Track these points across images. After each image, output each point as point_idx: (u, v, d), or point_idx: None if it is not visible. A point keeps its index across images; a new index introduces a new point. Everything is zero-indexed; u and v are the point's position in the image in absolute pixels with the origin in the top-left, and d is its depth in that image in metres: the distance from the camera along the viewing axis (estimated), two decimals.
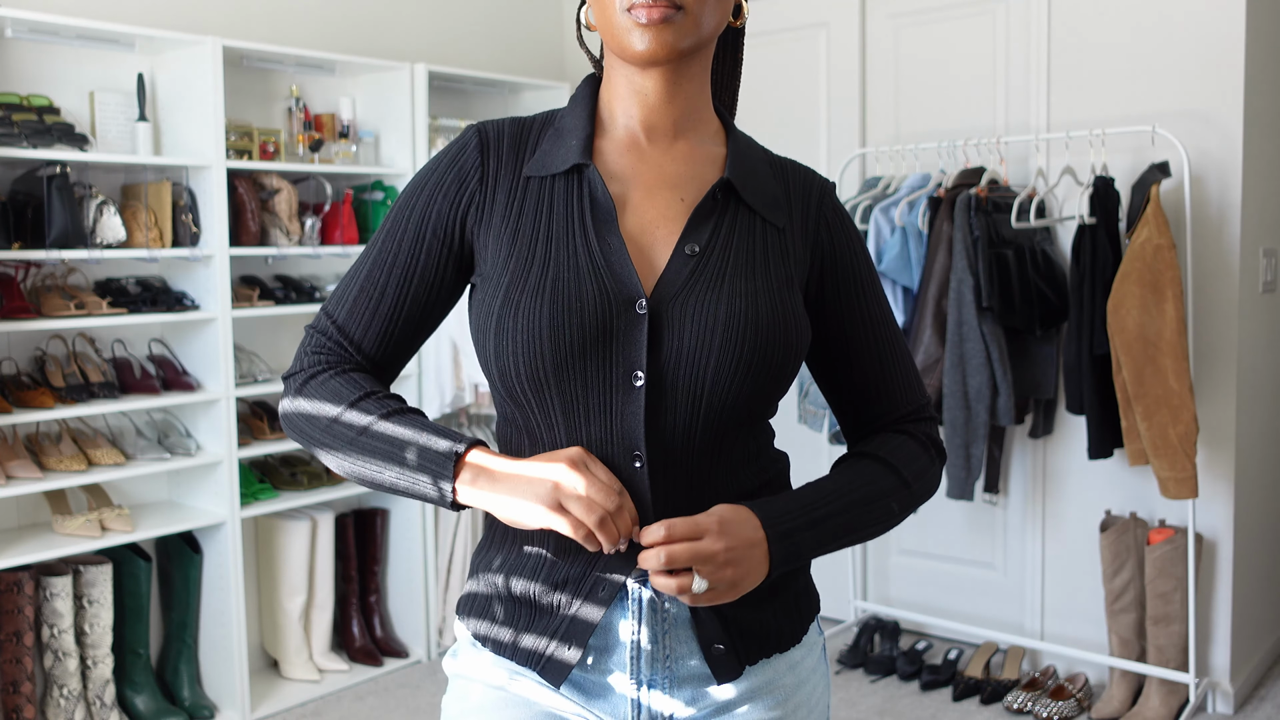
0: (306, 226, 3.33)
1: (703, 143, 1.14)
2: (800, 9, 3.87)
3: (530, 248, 1.06)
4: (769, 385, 1.06)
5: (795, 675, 1.14)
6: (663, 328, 1.03)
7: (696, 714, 1.10)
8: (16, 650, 2.80)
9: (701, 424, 1.04)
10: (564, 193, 1.08)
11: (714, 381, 1.03)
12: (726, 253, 1.08)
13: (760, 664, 1.11)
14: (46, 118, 2.85)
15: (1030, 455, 3.44)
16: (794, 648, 1.15)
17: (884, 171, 3.63)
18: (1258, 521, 3.31)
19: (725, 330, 1.03)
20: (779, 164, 1.19)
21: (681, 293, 1.04)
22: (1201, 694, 3.08)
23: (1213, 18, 3.01)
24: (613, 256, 1.04)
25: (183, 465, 3.05)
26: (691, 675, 1.09)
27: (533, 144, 1.12)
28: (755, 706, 1.11)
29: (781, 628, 1.13)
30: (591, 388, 1.03)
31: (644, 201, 1.10)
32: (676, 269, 1.06)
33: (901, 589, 3.77)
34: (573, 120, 1.12)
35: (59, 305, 2.84)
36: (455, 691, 1.16)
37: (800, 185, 1.17)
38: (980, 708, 3.20)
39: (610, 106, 1.13)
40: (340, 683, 3.42)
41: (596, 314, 1.02)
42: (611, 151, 1.12)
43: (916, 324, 3.16)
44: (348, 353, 1.12)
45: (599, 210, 1.07)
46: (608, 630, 1.08)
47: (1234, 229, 3.03)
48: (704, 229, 1.08)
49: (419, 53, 3.83)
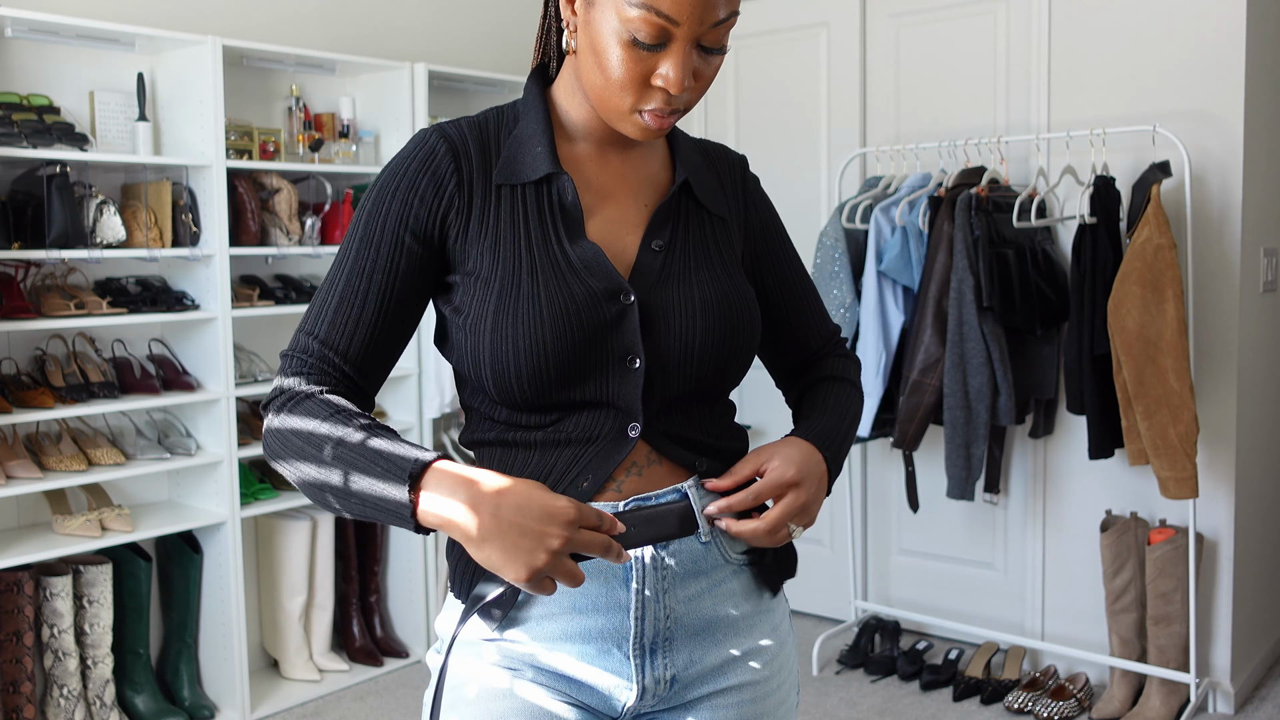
0: (306, 226, 3.33)
1: (652, 145, 1.21)
2: (800, 9, 3.87)
3: (515, 256, 1.09)
4: (742, 358, 1.17)
5: (776, 636, 1.22)
6: (649, 314, 1.11)
7: (694, 678, 1.15)
8: (16, 650, 2.80)
9: (690, 396, 1.14)
10: (535, 200, 1.11)
11: (700, 358, 1.12)
12: (687, 247, 1.16)
13: (747, 627, 1.18)
14: (46, 117, 2.85)
15: (1031, 455, 3.43)
16: (773, 611, 1.22)
17: (884, 171, 3.63)
18: (1258, 521, 3.31)
19: (703, 313, 1.13)
20: (705, 150, 1.26)
21: (657, 283, 1.13)
22: (1202, 694, 3.08)
23: (1213, 18, 3.01)
24: (589, 258, 1.10)
25: (183, 465, 3.05)
26: (689, 637, 1.15)
27: (495, 149, 1.13)
28: (745, 668, 1.18)
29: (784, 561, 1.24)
30: (589, 375, 1.09)
31: (609, 206, 1.15)
32: (647, 262, 1.13)
33: (902, 589, 3.77)
34: (531, 127, 1.14)
35: (59, 305, 2.83)
36: (452, 688, 1.14)
37: (727, 169, 1.26)
38: (981, 708, 3.20)
39: (565, 108, 1.16)
40: (340, 683, 3.42)
41: (591, 310, 1.08)
42: (576, 156, 1.16)
43: (917, 324, 3.16)
44: (333, 366, 1.09)
45: (569, 218, 1.12)
46: (608, 593, 1.12)
47: (1234, 229, 3.03)
48: (664, 228, 1.16)
49: (419, 53, 3.83)
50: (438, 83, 3.74)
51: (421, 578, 3.60)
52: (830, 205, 3.82)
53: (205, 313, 3.09)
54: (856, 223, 3.34)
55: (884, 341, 3.26)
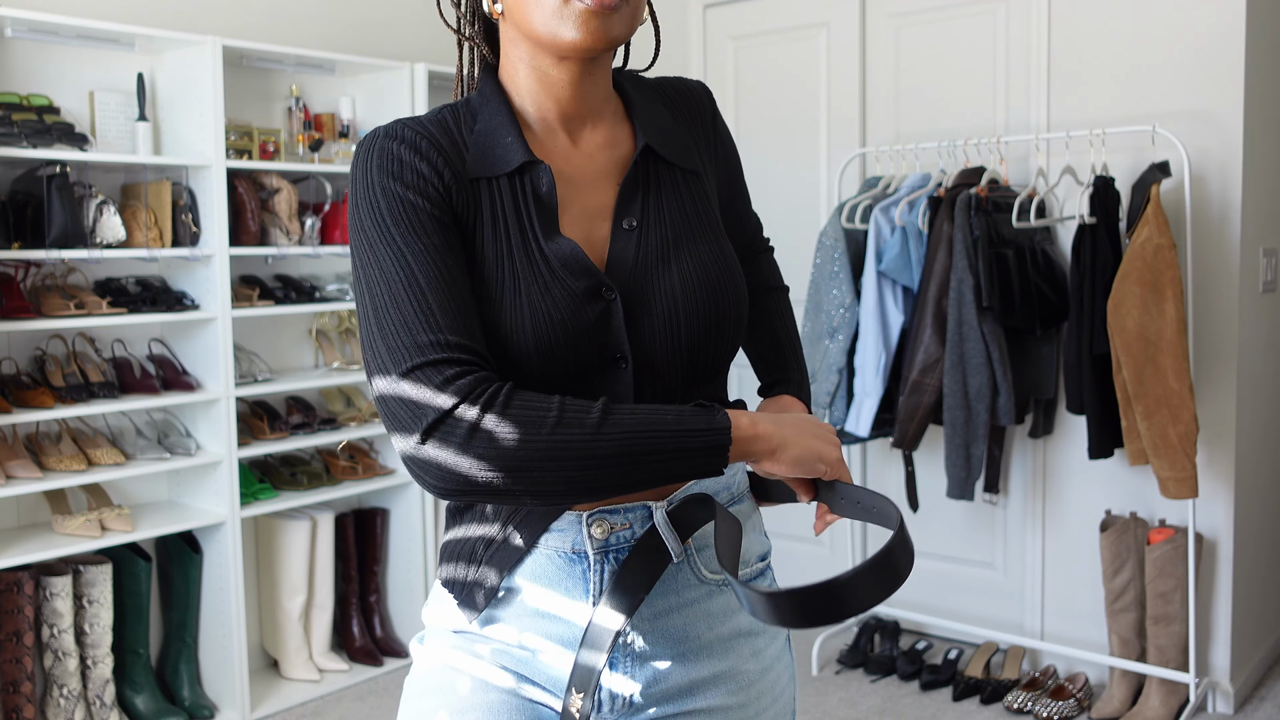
0: (306, 226, 3.33)
1: (615, 120, 1.13)
2: (800, 9, 3.87)
3: (497, 261, 1.03)
4: (733, 332, 1.11)
5: (759, 662, 1.15)
6: (631, 307, 1.05)
7: (656, 697, 1.10)
8: (16, 650, 2.80)
9: (683, 384, 1.09)
10: (510, 193, 1.05)
11: (689, 347, 1.08)
12: (661, 220, 1.10)
13: (722, 649, 1.13)
14: (46, 117, 2.85)
15: (1030, 455, 3.44)
16: (757, 635, 1.16)
17: (884, 171, 3.63)
18: (1258, 521, 3.31)
19: (686, 299, 1.07)
20: (668, 96, 1.19)
21: (635, 270, 1.06)
22: (1202, 694, 3.08)
23: (1213, 18, 3.01)
24: (567, 254, 1.04)
25: (183, 465, 3.05)
26: (652, 655, 1.10)
27: (462, 143, 1.06)
28: (716, 691, 1.12)
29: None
30: (578, 378, 1.05)
31: (581, 195, 1.09)
32: (621, 247, 1.07)
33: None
34: (494, 119, 1.07)
35: (59, 305, 2.84)
36: (439, 680, 1.13)
37: (693, 109, 1.20)
38: (980, 707, 3.20)
39: (514, 93, 1.09)
40: (340, 683, 3.42)
41: (574, 315, 1.03)
42: (539, 147, 1.09)
43: (916, 324, 3.16)
44: (477, 360, 0.97)
45: (544, 211, 1.05)
46: (568, 602, 1.08)
47: (1234, 229, 3.03)
48: (635, 202, 1.09)
49: (419, 53, 3.83)
50: (438, 83, 3.73)
51: (421, 578, 3.60)
52: (830, 205, 3.82)
53: (205, 313, 3.09)
54: (856, 223, 3.34)
55: (884, 341, 3.26)
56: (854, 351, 3.31)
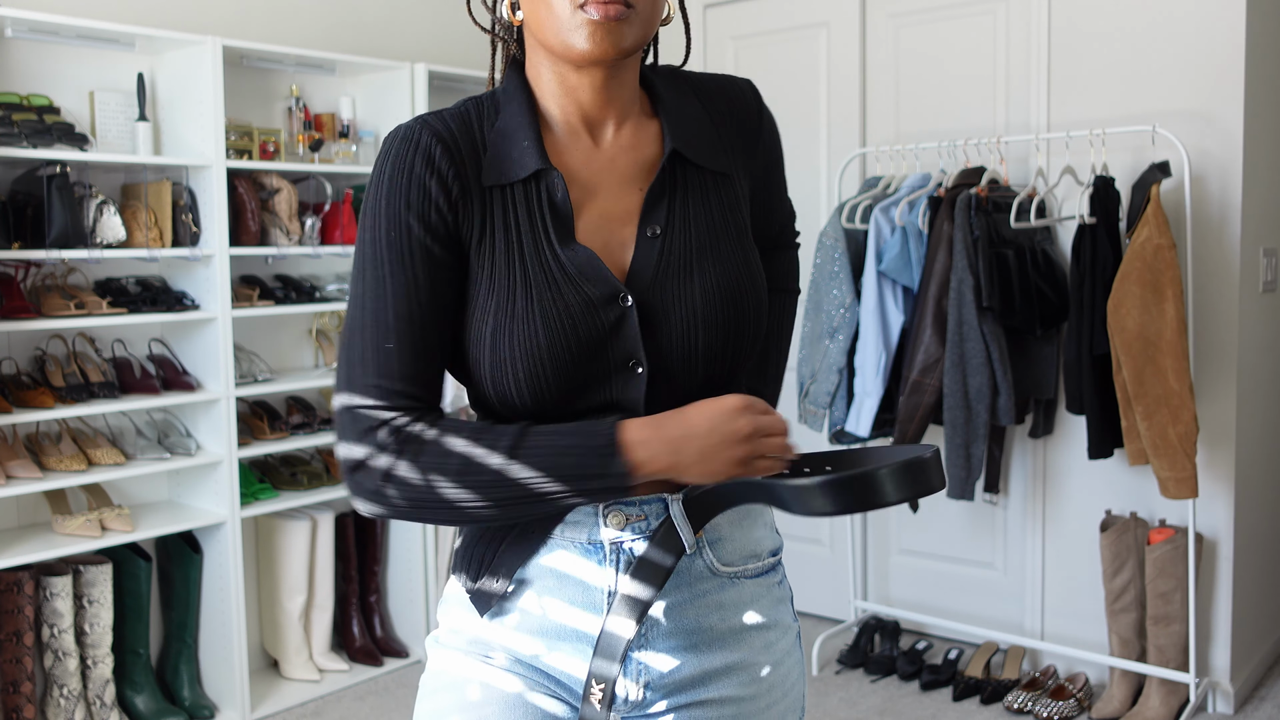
0: (306, 226, 3.33)
1: (640, 122, 1.13)
2: (800, 9, 3.87)
3: (509, 268, 1.04)
4: (751, 340, 1.11)
5: (771, 655, 1.15)
6: (649, 314, 1.06)
7: (669, 687, 1.11)
8: (16, 650, 2.80)
9: (697, 390, 1.08)
10: (524, 199, 1.05)
11: (706, 357, 1.07)
12: (686, 227, 1.09)
13: (735, 641, 1.13)
14: (46, 117, 2.85)
15: (1030, 455, 3.44)
16: (770, 629, 1.16)
17: (884, 171, 3.63)
18: (1258, 521, 3.31)
19: (705, 308, 1.07)
20: (705, 90, 1.17)
21: (656, 279, 1.06)
22: (1202, 694, 3.08)
23: (1213, 18, 3.01)
24: (582, 262, 1.04)
25: (183, 465, 3.05)
26: (665, 646, 1.11)
27: (480, 143, 1.07)
28: (729, 683, 1.12)
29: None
30: (592, 384, 1.05)
31: (602, 199, 1.09)
32: (644, 255, 1.07)
33: (901, 589, 3.77)
34: (515, 119, 1.08)
35: (59, 305, 2.84)
36: (451, 678, 1.15)
37: (736, 108, 1.18)
38: (980, 708, 3.20)
39: (538, 92, 1.10)
40: (340, 683, 3.42)
41: (588, 320, 1.03)
42: (560, 149, 1.09)
43: (916, 324, 3.16)
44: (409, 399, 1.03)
45: (559, 218, 1.06)
46: (584, 594, 1.09)
47: (1234, 229, 3.03)
48: (660, 209, 1.09)
49: (419, 53, 3.83)
50: (438, 83, 3.74)
51: (421, 577, 3.60)
52: (830, 205, 3.82)
53: (205, 313, 3.09)
54: (856, 223, 3.34)
55: (884, 341, 3.26)
56: (854, 351, 3.31)
